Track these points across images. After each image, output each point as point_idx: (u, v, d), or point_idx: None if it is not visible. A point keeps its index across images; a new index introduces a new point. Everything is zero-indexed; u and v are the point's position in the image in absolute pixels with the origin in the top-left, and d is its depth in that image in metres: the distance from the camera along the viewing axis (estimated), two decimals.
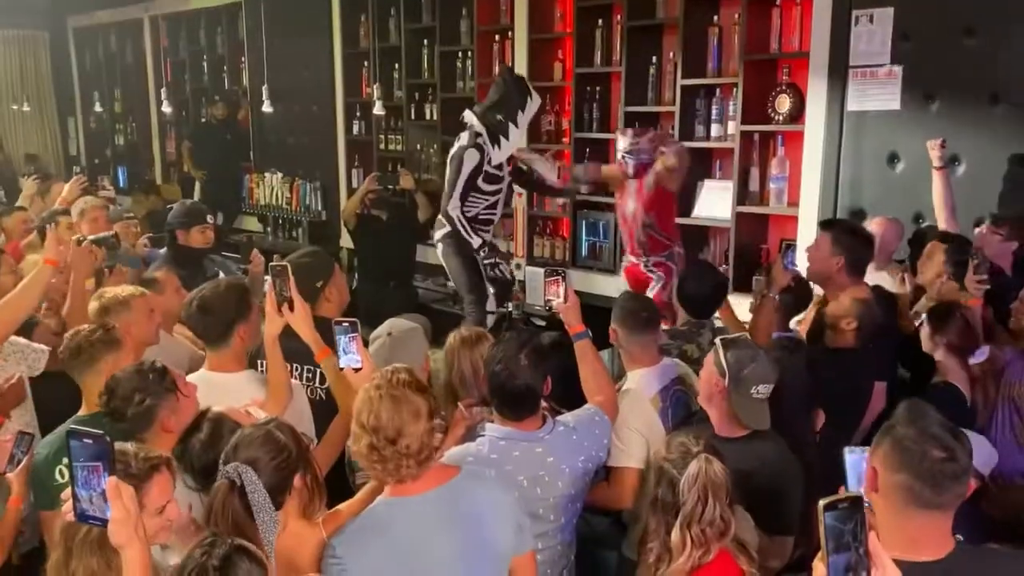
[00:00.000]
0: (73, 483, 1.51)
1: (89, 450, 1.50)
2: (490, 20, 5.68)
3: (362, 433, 1.92)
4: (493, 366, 2.38)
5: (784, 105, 4.36)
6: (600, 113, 5.19)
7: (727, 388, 2.38)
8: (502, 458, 2.32)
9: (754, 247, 4.62)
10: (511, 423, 2.38)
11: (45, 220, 5.00)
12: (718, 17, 4.63)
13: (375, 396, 1.93)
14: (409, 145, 6.38)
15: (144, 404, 2.27)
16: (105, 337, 2.80)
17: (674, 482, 1.92)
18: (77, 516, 1.53)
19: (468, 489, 2.02)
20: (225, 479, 1.84)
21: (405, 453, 1.90)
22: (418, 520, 1.93)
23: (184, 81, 8.58)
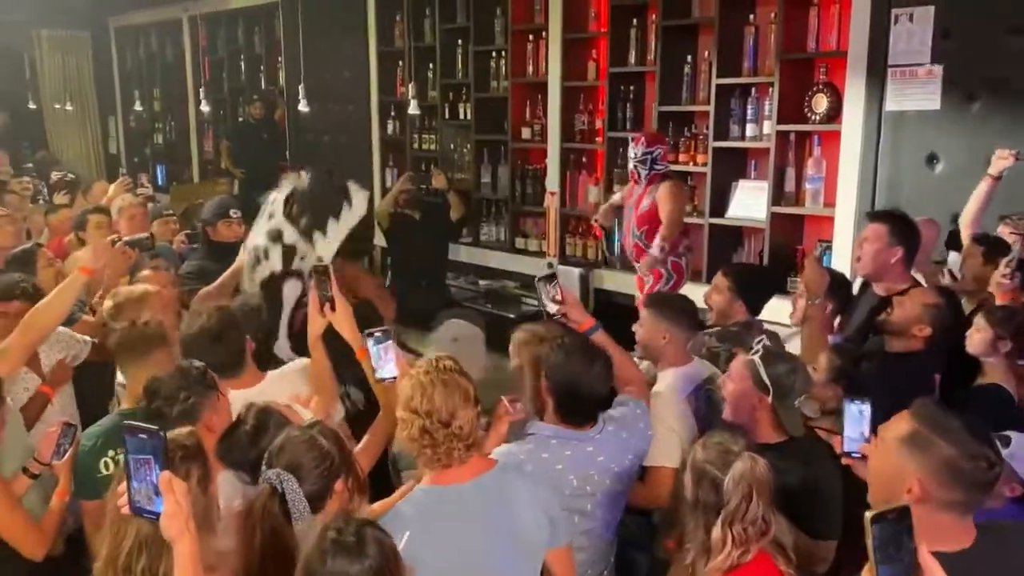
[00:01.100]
0: (128, 477, 1.55)
1: (143, 444, 1.54)
2: (524, 19, 5.69)
3: (414, 417, 1.96)
4: (568, 373, 2.36)
5: (821, 105, 4.31)
6: (634, 113, 5.17)
7: (771, 403, 2.37)
8: (553, 457, 2.34)
9: (789, 248, 4.57)
10: (569, 426, 2.39)
11: (79, 219, 5.12)
12: (754, 16, 4.59)
13: (426, 381, 1.98)
14: (443, 144, 6.41)
15: (189, 402, 2.30)
16: (157, 331, 2.85)
17: (716, 482, 1.90)
18: (131, 509, 1.56)
19: (505, 481, 2.05)
20: (267, 484, 1.86)
21: (457, 435, 1.95)
22: (455, 509, 1.97)
23: (222, 80, 8.71)
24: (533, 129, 5.75)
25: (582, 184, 5.55)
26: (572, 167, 5.58)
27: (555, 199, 5.61)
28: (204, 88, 8.37)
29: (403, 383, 2.05)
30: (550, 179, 5.66)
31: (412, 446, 2.01)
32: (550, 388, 2.41)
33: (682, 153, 4.87)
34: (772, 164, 4.47)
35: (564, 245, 5.68)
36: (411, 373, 2.04)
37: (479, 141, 6.12)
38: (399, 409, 2.02)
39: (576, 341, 2.51)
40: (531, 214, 5.98)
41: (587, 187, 5.51)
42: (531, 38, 5.67)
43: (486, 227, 6.25)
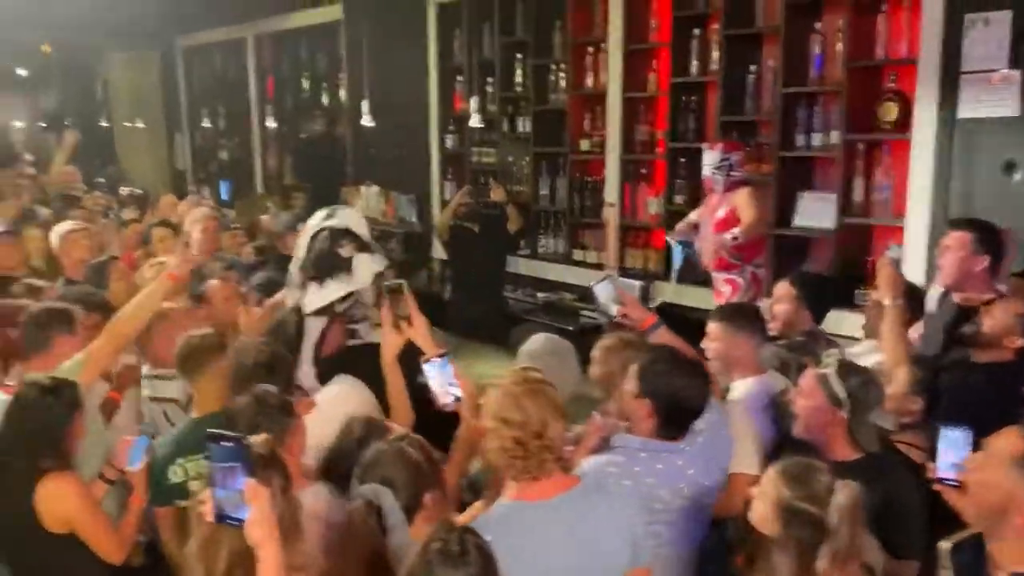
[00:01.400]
0: (211, 484, 1.57)
1: (227, 452, 1.56)
2: (584, 32, 5.69)
3: (504, 428, 1.95)
4: (669, 386, 2.30)
5: (890, 113, 4.21)
6: (696, 123, 5.12)
7: (846, 418, 2.30)
8: (644, 471, 2.29)
9: (858, 259, 4.46)
10: (662, 439, 2.35)
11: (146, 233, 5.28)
12: (820, 24, 4.51)
13: (518, 392, 1.97)
14: (501, 157, 6.44)
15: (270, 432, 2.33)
16: (214, 341, 2.91)
17: (815, 519, 1.84)
18: (215, 517, 1.58)
19: (589, 500, 2.02)
20: (362, 500, 1.88)
21: (549, 447, 1.94)
22: (537, 526, 1.95)
23: (285, 97, 8.88)
24: (592, 141, 5.73)
25: (642, 195, 5.51)
26: (632, 178, 5.54)
27: (615, 211, 5.58)
28: (271, 105, 8.56)
29: (490, 393, 2.03)
30: (609, 191, 5.64)
31: (501, 457, 1.98)
32: (650, 401, 2.33)
33: (747, 163, 4.77)
34: (840, 173, 4.38)
35: (624, 257, 5.64)
36: (499, 383, 2.03)
37: (537, 153, 6.13)
38: (487, 419, 2.00)
39: (674, 352, 2.45)
40: (590, 226, 5.95)
41: (647, 199, 5.46)
42: (590, 50, 5.67)
43: (544, 239, 6.24)
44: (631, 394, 2.36)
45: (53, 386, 2.57)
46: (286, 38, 8.75)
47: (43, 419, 2.51)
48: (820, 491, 1.86)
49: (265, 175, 9.40)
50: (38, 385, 2.58)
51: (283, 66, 8.94)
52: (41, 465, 2.48)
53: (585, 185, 5.88)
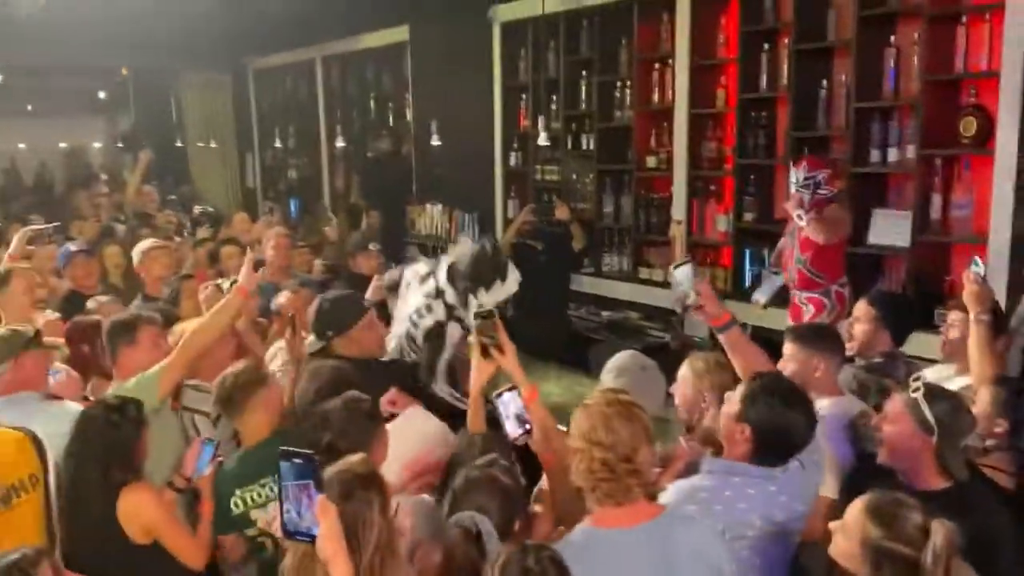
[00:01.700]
0: (281, 500, 1.59)
1: (298, 469, 1.58)
2: (650, 49, 5.66)
3: (593, 448, 1.91)
4: (775, 418, 2.21)
5: (970, 128, 4.08)
6: (765, 139, 5.04)
7: (937, 444, 2.22)
8: (735, 495, 2.21)
9: (935, 279, 4.32)
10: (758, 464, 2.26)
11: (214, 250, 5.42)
12: (895, 37, 4.41)
13: (609, 413, 1.94)
14: (565, 175, 6.43)
15: (360, 437, 2.37)
16: (251, 376, 2.93)
17: (908, 561, 1.77)
18: (284, 533, 1.61)
19: (674, 529, 1.97)
20: (460, 528, 1.88)
21: (637, 472, 1.91)
22: (619, 554, 1.91)
23: (352, 118, 9.05)
24: (658, 157, 5.69)
25: (710, 212, 5.44)
26: (699, 195, 5.48)
27: (681, 228, 5.52)
28: (339, 126, 8.72)
29: (580, 413, 1.99)
30: (676, 207, 5.58)
31: (587, 479, 1.94)
32: (751, 428, 2.24)
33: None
34: (916, 190, 4.26)
35: None
36: (590, 403, 2.00)
37: (602, 170, 6.11)
38: (575, 439, 1.96)
39: (785, 381, 2.37)
40: (655, 243, 5.90)
41: (715, 215, 5.39)
42: (656, 66, 5.64)
43: (608, 257, 6.20)
44: (731, 416, 2.27)
45: (118, 405, 2.66)
46: (353, 59, 8.92)
47: (112, 437, 2.59)
48: (911, 530, 1.79)
49: (333, 194, 9.57)
50: (104, 404, 2.68)
51: (350, 87, 9.11)
52: (114, 480, 2.56)
53: (650, 202, 5.83)
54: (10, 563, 1.93)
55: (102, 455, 2.58)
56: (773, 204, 5.17)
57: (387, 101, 8.62)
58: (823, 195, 4.06)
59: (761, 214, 5.13)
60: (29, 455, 2.66)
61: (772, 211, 5.16)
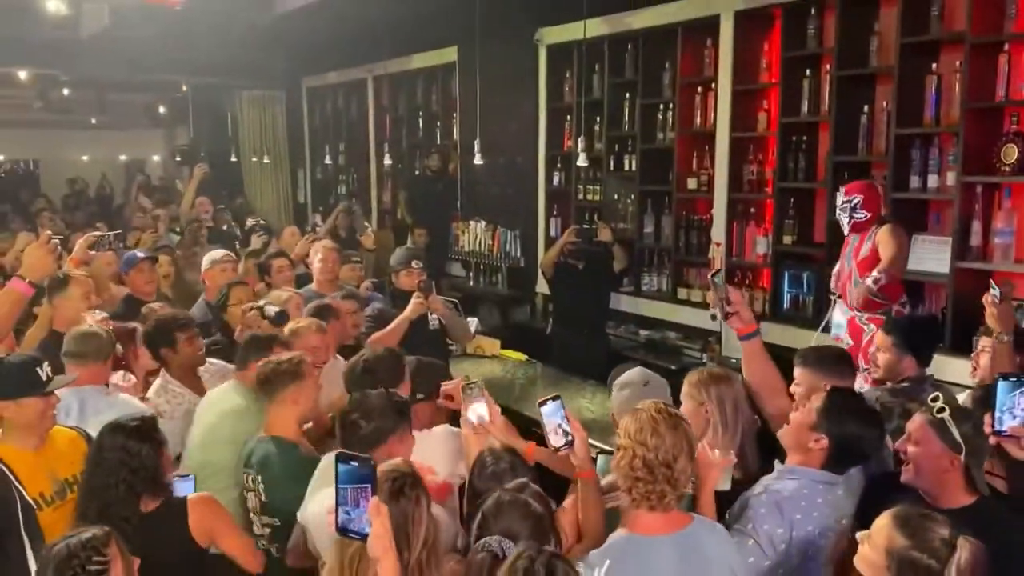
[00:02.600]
0: (337, 501, 1.72)
1: (355, 472, 1.71)
2: (693, 72, 5.73)
3: (636, 447, 2.02)
4: (855, 430, 2.34)
5: (1012, 155, 4.07)
6: (806, 163, 5.07)
7: (965, 461, 2.28)
8: (824, 501, 2.33)
9: (975, 306, 4.28)
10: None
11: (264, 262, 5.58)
12: (936, 64, 4.43)
13: (658, 418, 2.05)
14: (606, 195, 6.51)
15: (383, 424, 2.49)
16: (289, 369, 3.06)
17: (932, 572, 1.82)
18: (338, 530, 1.74)
19: (703, 537, 2.08)
20: (488, 552, 1.93)
21: (674, 480, 2.01)
22: (652, 561, 2.00)
23: (401, 136, 9.25)
24: (699, 179, 5.74)
25: (749, 235, 5.47)
26: (739, 217, 5.52)
27: (721, 249, 5.55)
28: (388, 143, 8.91)
29: (629, 417, 2.10)
30: (716, 229, 5.62)
31: (626, 476, 2.04)
32: (828, 438, 2.35)
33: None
34: (956, 216, 4.26)
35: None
36: (639, 409, 2.10)
37: (643, 191, 6.18)
38: (622, 439, 2.07)
39: (856, 395, 2.50)
40: (694, 264, 5.95)
41: (755, 238, 5.42)
42: (699, 90, 5.71)
43: (648, 277, 6.26)
44: (806, 425, 2.38)
45: (134, 428, 2.63)
46: (403, 79, 9.12)
47: (133, 464, 2.57)
48: (937, 543, 1.83)
49: (380, 209, 9.76)
50: (122, 430, 2.63)
51: (400, 106, 9.31)
52: (144, 499, 2.59)
53: (691, 223, 5.88)
54: (83, 541, 2.02)
55: (130, 481, 2.56)
56: (813, 227, 5.19)
57: (435, 120, 8.80)
58: (859, 218, 4.11)
59: (801, 237, 5.15)
60: (82, 451, 2.80)
61: (812, 234, 5.18)
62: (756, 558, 2.25)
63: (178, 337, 3.75)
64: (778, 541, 2.26)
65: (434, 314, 4.66)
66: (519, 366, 5.27)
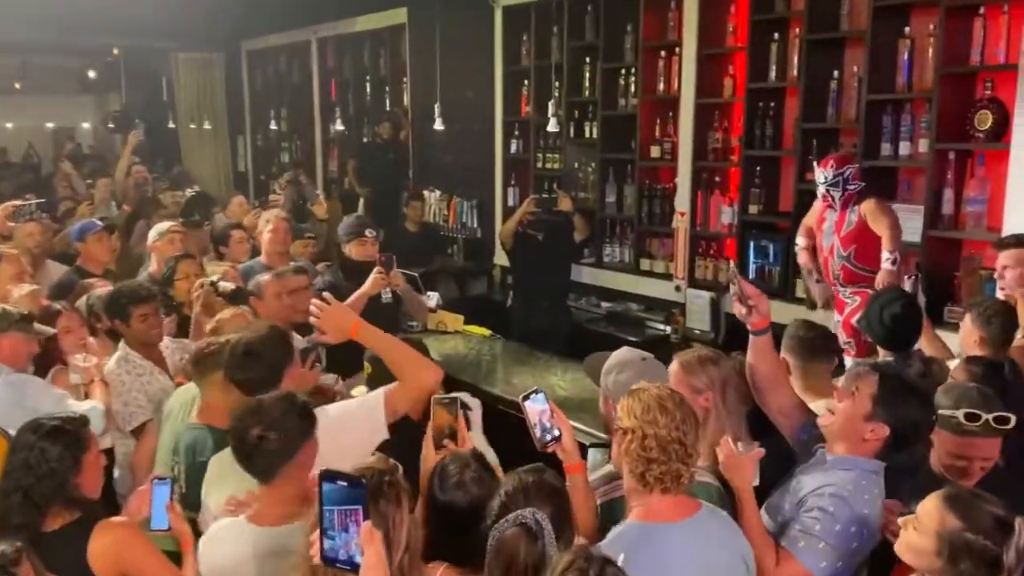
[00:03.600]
0: (321, 525, 1.49)
1: (344, 494, 1.47)
2: (657, 36, 5.56)
3: (646, 427, 1.94)
4: (913, 414, 2.24)
5: (986, 121, 4.01)
6: (773, 130, 4.96)
7: None
8: (880, 492, 2.25)
9: (946, 275, 4.27)
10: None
11: (222, 233, 5.29)
12: (909, 28, 4.33)
13: (663, 395, 1.99)
14: (567, 163, 6.33)
15: (291, 435, 2.22)
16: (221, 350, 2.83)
17: (989, 556, 1.72)
18: (324, 559, 1.50)
19: (712, 524, 2.04)
20: (521, 525, 1.80)
21: (688, 458, 1.95)
22: (672, 549, 1.95)
23: (348, 101, 8.89)
24: (663, 147, 5.60)
25: (714, 204, 5.36)
26: (704, 186, 5.40)
27: (685, 219, 5.44)
28: (338, 108, 8.56)
29: (630, 399, 2.02)
30: (680, 198, 5.50)
31: (637, 461, 1.96)
32: (887, 426, 2.23)
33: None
34: (928, 184, 4.20)
35: (693, 267, 5.49)
36: (638, 390, 2.03)
37: (604, 159, 6.02)
38: (627, 421, 1.98)
39: (907, 380, 2.39)
40: (658, 234, 5.83)
41: (720, 207, 5.32)
42: (663, 54, 5.54)
43: (610, 248, 6.12)
44: (860, 415, 2.24)
45: (51, 428, 2.28)
46: (350, 42, 8.76)
47: (40, 470, 2.22)
48: (991, 524, 1.75)
49: (327, 178, 9.42)
50: (35, 429, 2.29)
51: (346, 70, 8.95)
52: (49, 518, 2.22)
53: (654, 193, 5.75)
54: None
55: (27, 490, 2.21)
56: (779, 196, 5.10)
57: (383, 85, 8.47)
58: (852, 190, 4.01)
59: (767, 206, 5.06)
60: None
61: (778, 203, 5.09)
62: (829, 561, 2.12)
63: (132, 312, 3.56)
64: (851, 539, 2.14)
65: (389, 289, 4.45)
66: (483, 342, 5.10)
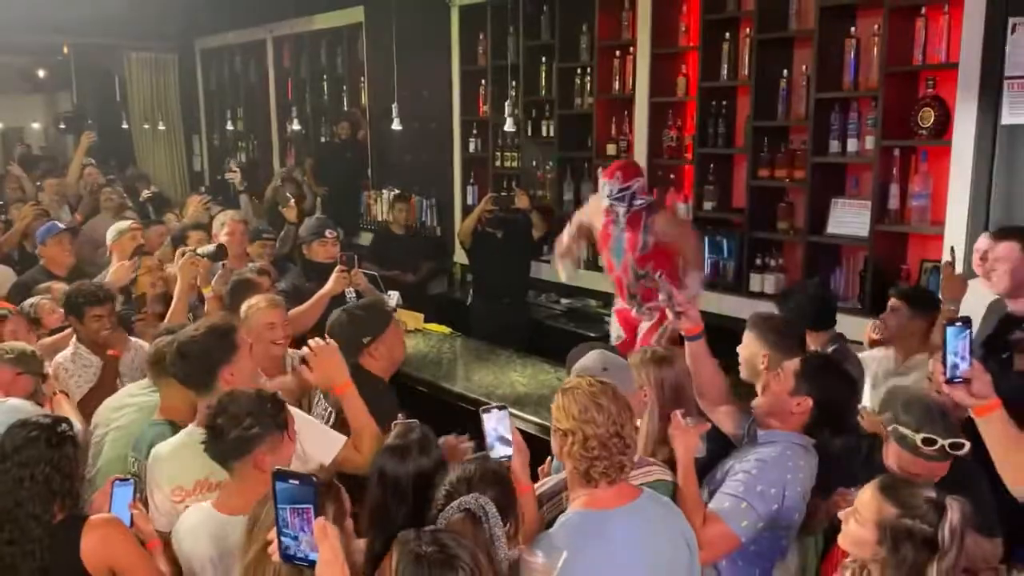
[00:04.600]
0: (277, 524, 1.53)
1: (295, 492, 1.51)
2: (611, 35, 5.63)
3: (585, 427, 1.96)
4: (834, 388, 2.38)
5: (928, 119, 4.14)
6: (725, 128, 5.06)
7: None
8: (807, 464, 2.36)
9: (892, 267, 4.40)
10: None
11: (179, 233, 5.24)
12: (855, 28, 4.45)
13: (596, 391, 2.00)
14: (524, 162, 6.38)
15: (249, 431, 2.18)
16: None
17: (926, 537, 1.79)
18: (282, 557, 1.54)
19: (652, 507, 2.07)
20: (465, 511, 1.80)
21: (628, 446, 1.99)
22: (617, 533, 1.98)
23: (305, 100, 8.84)
24: (619, 145, 5.67)
25: (670, 201, 5.44)
26: (659, 183, 5.47)
27: None
28: (295, 108, 8.50)
29: (565, 398, 2.03)
30: None
31: (581, 459, 1.98)
32: (812, 400, 2.36)
33: (778, 168, 4.74)
34: (875, 180, 4.31)
35: None
36: (571, 387, 2.04)
37: (562, 158, 6.07)
38: (564, 422, 2.00)
39: (830, 358, 2.57)
40: None
41: (675, 204, 5.40)
42: (618, 54, 5.61)
43: None
44: (785, 390, 2.38)
45: (46, 426, 2.26)
46: (306, 41, 8.70)
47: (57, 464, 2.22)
48: (926, 507, 1.82)
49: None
50: (31, 427, 2.25)
51: (303, 69, 8.89)
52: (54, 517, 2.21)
53: None
54: None
55: (47, 488, 2.19)
56: (732, 193, 5.20)
57: (340, 84, 8.44)
58: (639, 206, 3.93)
59: (721, 203, 5.15)
60: None
61: (731, 200, 5.19)
62: (750, 520, 2.22)
63: (86, 311, 3.61)
64: (771, 500, 2.25)
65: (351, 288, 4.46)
66: (444, 340, 5.13)
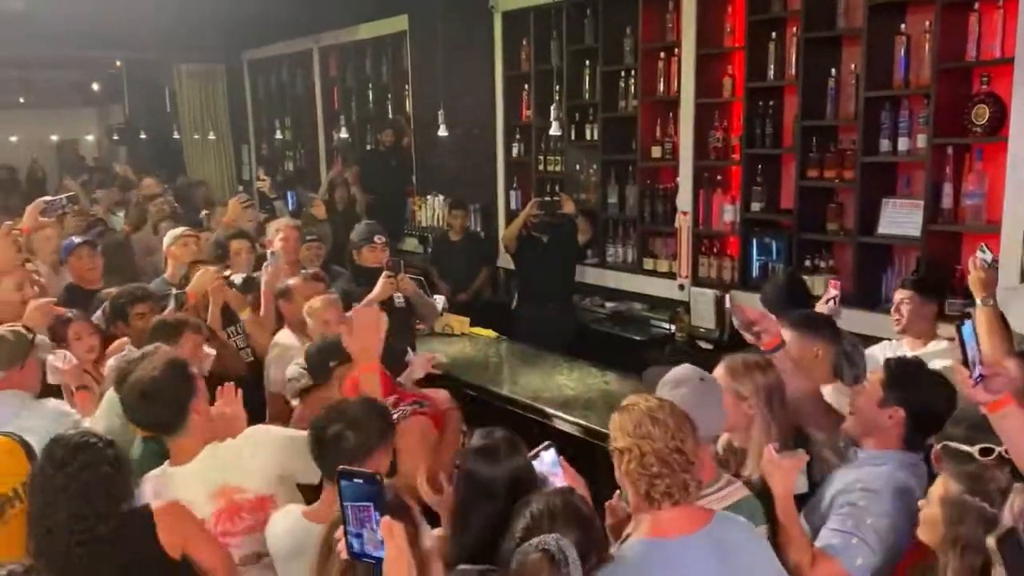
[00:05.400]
0: (345, 523, 1.54)
1: (360, 490, 1.52)
2: (655, 37, 5.61)
3: (642, 443, 1.89)
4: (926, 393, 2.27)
5: (983, 116, 4.05)
6: (772, 128, 5.00)
7: None
8: (919, 483, 2.24)
9: (947, 268, 4.30)
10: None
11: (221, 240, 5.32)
12: (905, 25, 4.37)
13: (652, 406, 1.94)
14: (568, 166, 6.38)
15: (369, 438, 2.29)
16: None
17: (986, 516, 1.76)
18: (351, 555, 1.55)
19: (728, 531, 1.94)
20: (543, 551, 1.71)
21: (690, 463, 1.89)
22: (692, 564, 1.86)
23: (351, 109, 8.95)
24: (664, 147, 5.65)
25: (716, 203, 5.40)
26: (706, 185, 5.44)
27: (687, 218, 5.49)
28: (342, 116, 8.61)
29: (620, 416, 1.96)
30: (682, 198, 5.54)
31: (640, 478, 1.88)
32: (903, 409, 2.27)
33: (827, 168, 4.67)
34: (927, 179, 4.23)
35: (697, 266, 5.53)
36: (627, 405, 1.97)
37: (606, 161, 6.06)
38: (621, 440, 1.92)
39: (917, 361, 2.41)
40: (660, 234, 5.87)
41: (722, 205, 5.36)
42: (662, 56, 5.58)
43: (612, 248, 6.17)
44: (873, 402, 2.29)
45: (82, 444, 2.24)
46: (351, 50, 8.82)
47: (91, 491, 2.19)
48: (992, 489, 1.80)
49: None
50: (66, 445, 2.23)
51: (348, 78, 9.00)
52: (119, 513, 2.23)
53: (655, 193, 5.79)
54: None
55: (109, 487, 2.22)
56: (780, 194, 5.14)
57: (385, 92, 8.53)
58: None
59: (769, 204, 5.10)
60: (21, 463, 2.53)
61: (779, 201, 5.13)
62: (864, 558, 2.13)
63: (129, 312, 3.69)
64: (885, 533, 2.15)
65: (400, 294, 4.51)
66: (490, 344, 5.15)
